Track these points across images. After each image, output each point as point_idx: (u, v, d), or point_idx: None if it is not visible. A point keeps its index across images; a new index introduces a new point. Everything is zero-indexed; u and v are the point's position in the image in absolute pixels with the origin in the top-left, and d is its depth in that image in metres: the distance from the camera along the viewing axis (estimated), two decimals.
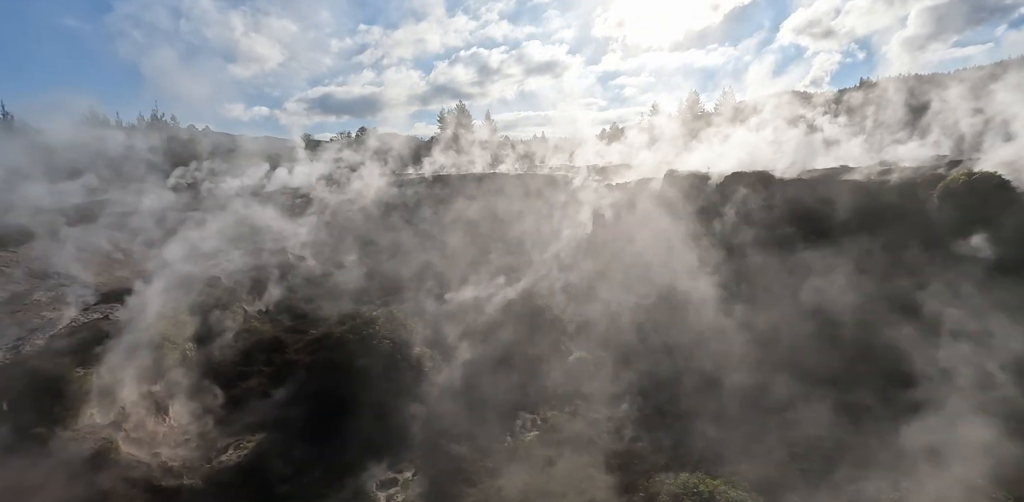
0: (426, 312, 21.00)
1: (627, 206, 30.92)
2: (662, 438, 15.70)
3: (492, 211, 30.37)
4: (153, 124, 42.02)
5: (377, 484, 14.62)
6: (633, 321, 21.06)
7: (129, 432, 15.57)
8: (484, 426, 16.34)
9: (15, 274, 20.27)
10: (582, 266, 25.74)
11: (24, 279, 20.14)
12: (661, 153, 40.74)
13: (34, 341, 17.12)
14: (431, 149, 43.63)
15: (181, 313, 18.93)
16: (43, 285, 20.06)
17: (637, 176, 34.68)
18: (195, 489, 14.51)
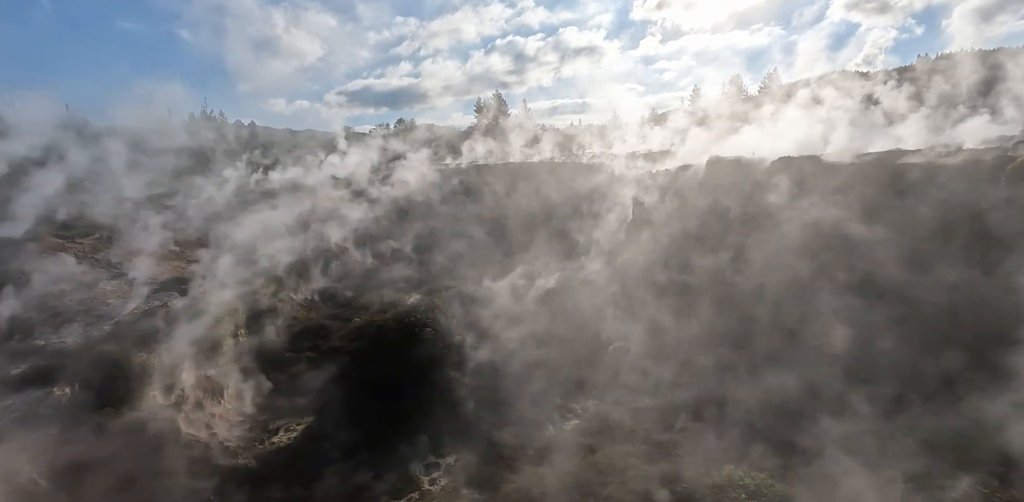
0: (466, 300, 21.17)
1: (668, 193, 30.20)
2: (707, 430, 15.38)
3: (530, 200, 30.24)
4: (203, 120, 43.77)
5: (421, 468, 14.97)
6: (675, 310, 20.65)
7: (188, 413, 16.42)
8: (524, 413, 16.43)
9: (84, 264, 21.61)
10: (622, 254, 25.37)
11: (92, 269, 21.45)
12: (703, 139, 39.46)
13: (101, 327, 18.23)
14: (469, 139, 43.66)
15: (234, 301, 19.75)
16: (108, 274, 21.33)
17: (678, 163, 33.75)
18: (250, 468, 15.23)
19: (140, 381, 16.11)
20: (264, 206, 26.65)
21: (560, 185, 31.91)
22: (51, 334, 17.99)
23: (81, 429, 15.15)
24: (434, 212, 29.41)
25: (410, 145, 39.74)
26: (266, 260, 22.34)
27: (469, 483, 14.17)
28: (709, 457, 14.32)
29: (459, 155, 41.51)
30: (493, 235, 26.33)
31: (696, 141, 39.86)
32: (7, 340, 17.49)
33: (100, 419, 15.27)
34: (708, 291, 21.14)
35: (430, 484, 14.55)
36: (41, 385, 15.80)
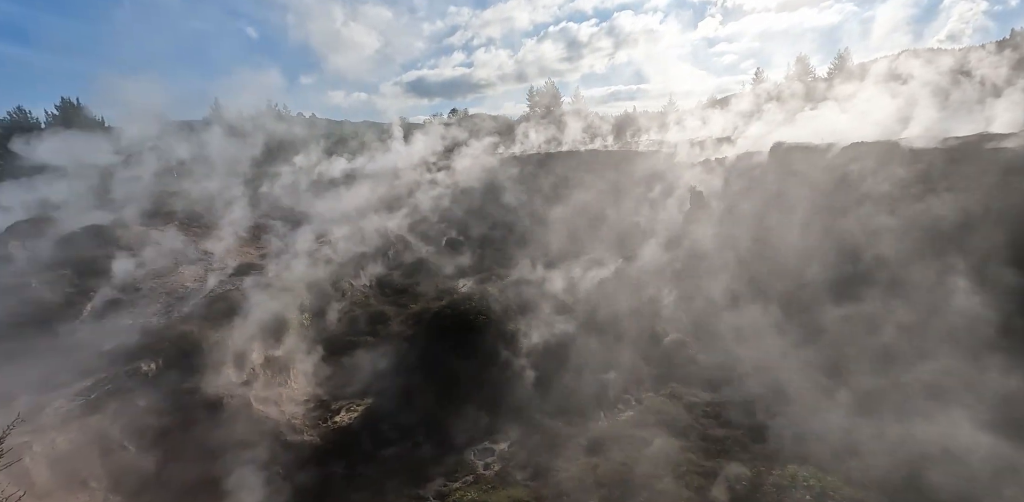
0: (520, 289, 21.29)
1: (728, 183, 29.08)
2: (768, 427, 14.89)
3: (584, 189, 29.88)
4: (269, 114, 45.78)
5: (475, 452, 15.30)
6: (735, 304, 19.99)
7: (258, 390, 17.45)
8: (578, 403, 16.44)
9: (164, 249, 23.23)
10: (679, 244, 24.71)
11: (171, 253, 23.04)
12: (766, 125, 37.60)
13: (181, 308, 19.59)
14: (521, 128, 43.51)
15: (299, 286, 20.71)
16: (186, 259, 22.85)
17: (739, 150, 32.37)
18: (314, 445, 16.05)
19: (215, 359, 17.24)
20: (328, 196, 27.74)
21: (615, 173, 31.32)
22: (138, 314, 19.49)
23: (165, 401, 16.44)
24: (489, 201, 29.60)
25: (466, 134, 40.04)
26: (329, 248, 23.27)
27: (522, 469, 14.37)
28: (769, 456, 13.89)
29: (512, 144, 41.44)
30: (547, 224, 26.24)
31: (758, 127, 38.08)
32: (100, 318, 19.07)
33: (181, 393, 16.50)
34: (771, 286, 20.30)
35: (484, 469, 14.86)
36: (130, 360, 17.20)
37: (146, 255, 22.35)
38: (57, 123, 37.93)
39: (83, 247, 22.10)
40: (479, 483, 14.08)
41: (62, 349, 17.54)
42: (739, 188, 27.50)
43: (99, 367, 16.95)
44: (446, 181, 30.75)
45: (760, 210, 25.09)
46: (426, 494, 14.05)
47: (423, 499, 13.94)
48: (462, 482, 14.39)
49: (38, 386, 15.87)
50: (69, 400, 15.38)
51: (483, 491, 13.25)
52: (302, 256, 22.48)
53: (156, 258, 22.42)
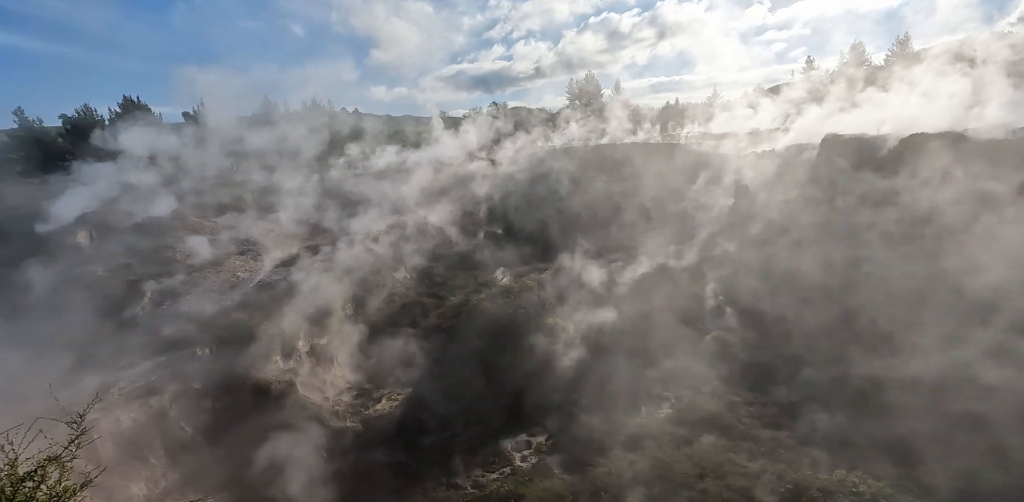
0: (560, 282, 21.20)
1: (776, 176, 28.05)
2: (813, 429, 14.40)
3: (626, 182, 29.42)
4: (313, 109, 46.96)
5: (512, 444, 15.42)
6: (780, 301, 19.34)
7: (304, 377, 18.08)
8: (616, 399, 16.30)
9: (216, 240, 24.30)
10: (722, 240, 24.06)
11: (223, 244, 24.08)
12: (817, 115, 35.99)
13: (233, 296, 20.45)
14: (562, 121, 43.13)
15: (342, 277, 21.28)
16: (236, 250, 23.82)
17: (788, 142, 31.14)
18: (356, 431, 16.52)
19: (264, 346, 17.94)
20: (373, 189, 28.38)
21: (657, 166, 30.70)
22: (193, 301, 20.45)
23: (217, 385, 17.25)
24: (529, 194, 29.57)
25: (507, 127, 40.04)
26: (372, 240, 23.81)
27: (559, 463, 14.40)
28: (817, 459, 13.45)
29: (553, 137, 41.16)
30: (588, 217, 26.00)
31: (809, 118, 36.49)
32: (159, 305, 20.12)
33: (232, 377, 17.27)
34: (818, 284, 19.51)
35: (521, 461, 14.98)
36: (186, 345, 18.11)
37: (201, 245, 23.41)
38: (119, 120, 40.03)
39: (144, 237, 23.33)
40: (516, 475, 14.20)
41: (125, 333, 18.61)
42: (787, 181, 26.49)
43: (158, 351, 17.92)
44: (487, 174, 30.85)
45: (810, 204, 24.12)
46: (463, 483, 14.28)
47: (460, 488, 14.17)
48: (499, 473, 14.55)
49: (104, 367, 16.92)
50: (131, 381, 16.34)
51: (520, 483, 13.36)
52: (346, 248, 23.09)
53: (210, 248, 23.46)
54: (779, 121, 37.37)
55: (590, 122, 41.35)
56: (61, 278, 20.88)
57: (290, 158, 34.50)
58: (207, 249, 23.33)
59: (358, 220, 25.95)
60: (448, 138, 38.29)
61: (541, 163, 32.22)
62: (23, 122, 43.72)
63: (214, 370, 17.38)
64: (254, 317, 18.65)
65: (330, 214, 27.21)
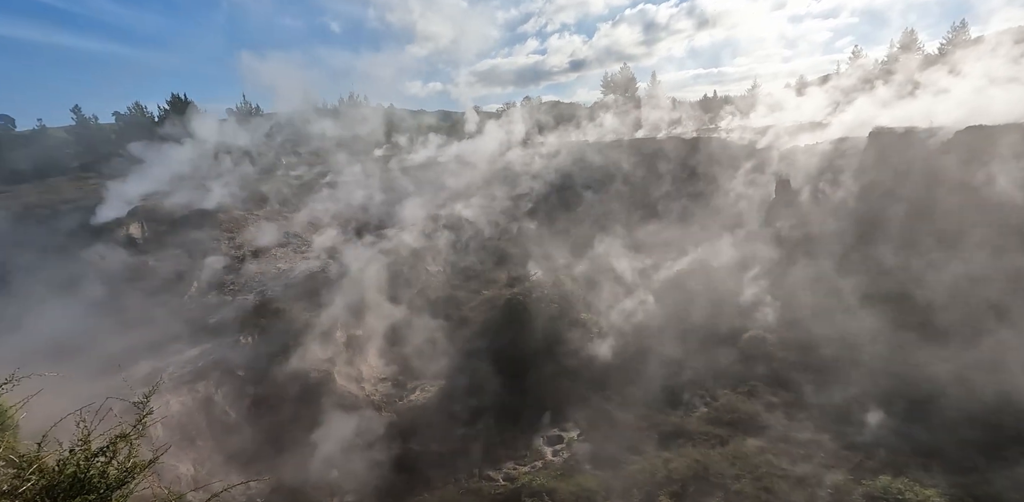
0: (594, 277, 21.03)
1: (819, 171, 27.06)
2: (858, 434, 13.92)
3: (662, 177, 28.90)
4: (350, 104, 47.88)
5: (544, 439, 15.46)
6: (822, 300, 18.69)
7: (341, 367, 18.54)
8: (650, 396, 16.13)
9: (258, 232, 25.11)
10: (761, 237, 23.38)
11: (264, 236, 24.87)
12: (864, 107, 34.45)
13: (274, 287, 21.11)
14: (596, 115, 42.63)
15: (378, 270, 21.69)
16: (277, 241, 24.57)
17: (832, 135, 29.95)
18: (391, 421, 16.86)
19: (304, 335, 18.47)
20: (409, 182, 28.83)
21: (694, 160, 30.04)
22: (236, 291, 21.22)
23: (260, 372, 17.88)
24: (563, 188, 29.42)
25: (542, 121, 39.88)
26: (408, 233, 24.16)
27: (591, 459, 14.34)
28: (860, 464, 13.00)
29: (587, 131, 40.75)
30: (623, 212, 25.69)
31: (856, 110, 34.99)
32: (205, 294, 20.95)
33: (274, 365, 17.87)
34: (862, 282, 18.78)
35: (552, 455, 15.00)
36: (230, 334, 18.82)
37: (244, 237, 24.23)
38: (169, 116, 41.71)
39: (191, 229, 24.29)
40: (547, 469, 14.22)
41: (174, 321, 19.45)
42: (831, 177, 25.53)
43: (203, 338, 18.68)
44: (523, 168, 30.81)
45: (854, 201, 23.20)
46: (496, 476, 14.40)
47: (492, 480, 14.30)
48: (531, 467, 14.61)
49: (155, 353, 17.75)
50: (180, 367, 17.09)
51: (552, 477, 13.37)
52: (383, 241, 23.51)
53: (252, 240, 24.26)
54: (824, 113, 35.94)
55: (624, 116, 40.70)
56: (115, 268, 21.97)
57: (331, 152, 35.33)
58: (249, 240, 24.13)
59: (395, 214, 26.39)
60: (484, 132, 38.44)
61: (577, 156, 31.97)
62: (80, 120, 46.07)
63: (256, 358, 18.02)
64: (294, 308, 19.21)
65: (368, 208, 27.74)
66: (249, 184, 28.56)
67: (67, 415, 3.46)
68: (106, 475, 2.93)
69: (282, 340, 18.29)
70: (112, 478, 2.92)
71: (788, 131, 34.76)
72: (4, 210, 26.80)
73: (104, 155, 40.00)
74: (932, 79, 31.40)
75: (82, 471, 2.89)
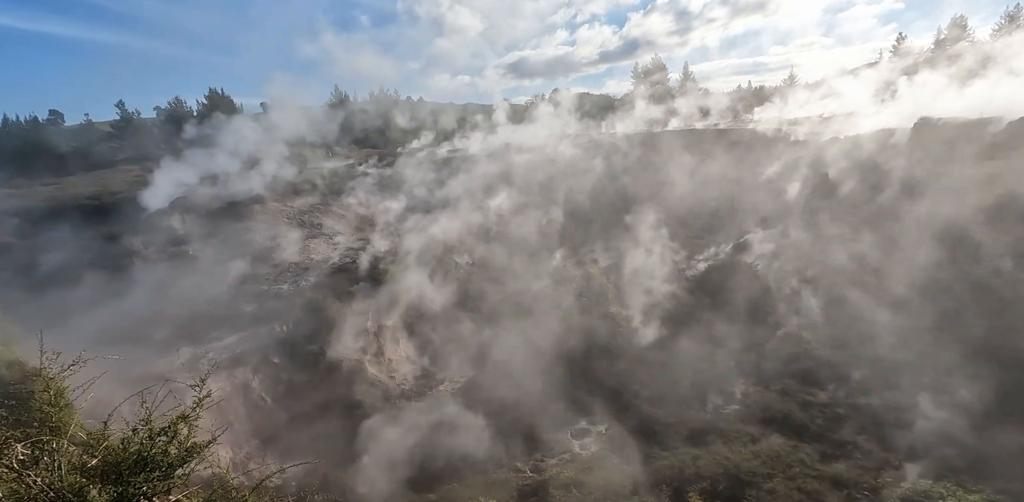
0: (623, 272, 20.82)
1: (859, 164, 26.14)
2: (897, 437, 13.53)
3: (694, 170, 28.38)
4: (381, 97, 48.39)
5: (572, 432, 15.49)
6: (861, 298, 18.13)
7: (372, 356, 18.90)
8: (680, 392, 15.98)
9: (292, 223, 25.69)
10: (797, 231, 22.75)
11: (298, 227, 25.44)
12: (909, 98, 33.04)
13: (307, 278, 21.59)
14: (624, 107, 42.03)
15: (408, 262, 21.96)
16: (311, 232, 25.10)
17: (874, 127, 28.84)
18: (420, 411, 17.11)
19: (336, 325, 18.87)
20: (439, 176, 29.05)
21: (728, 153, 29.37)
22: (271, 282, 21.78)
23: (294, 360, 18.37)
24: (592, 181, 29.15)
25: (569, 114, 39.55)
26: (437, 226, 24.37)
27: (620, 453, 14.31)
28: (897, 467, 12.67)
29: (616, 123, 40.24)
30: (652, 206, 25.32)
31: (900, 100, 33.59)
32: (242, 283, 21.56)
33: (307, 354, 18.34)
34: (905, 278, 18.10)
35: (580, 449, 15.02)
36: (266, 322, 19.36)
37: (278, 229, 24.82)
38: (206, 110, 42.92)
39: (228, 220, 25.00)
40: (575, 462, 14.26)
41: (212, 308, 20.10)
42: (872, 170, 24.63)
43: (241, 326, 19.25)
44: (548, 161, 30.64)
45: (897, 196, 22.33)
46: (523, 467, 14.52)
47: (520, 471, 14.42)
48: (558, 459, 14.67)
49: (195, 339, 18.41)
50: (219, 353, 17.68)
51: (580, 470, 13.41)
52: (412, 233, 23.78)
53: (286, 231, 24.84)
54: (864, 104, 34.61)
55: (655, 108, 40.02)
56: (157, 257, 22.80)
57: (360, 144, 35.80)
58: (283, 232, 24.71)
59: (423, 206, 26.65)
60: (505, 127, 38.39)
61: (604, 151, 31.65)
62: (124, 114, 47.76)
63: (291, 346, 18.51)
64: (326, 298, 19.63)
65: (397, 200, 28.06)
66: (284, 176, 29.16)
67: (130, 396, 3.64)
68: (168, 454, 3.07)
69: (315, 329, 18.73)
70: (173, 457, 3.06)
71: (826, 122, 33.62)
72: (53, 201, 28.04)
73: (146, 148, 41.43)
74: (982, 67, 29.83)
75: (145, 449, 3.03)
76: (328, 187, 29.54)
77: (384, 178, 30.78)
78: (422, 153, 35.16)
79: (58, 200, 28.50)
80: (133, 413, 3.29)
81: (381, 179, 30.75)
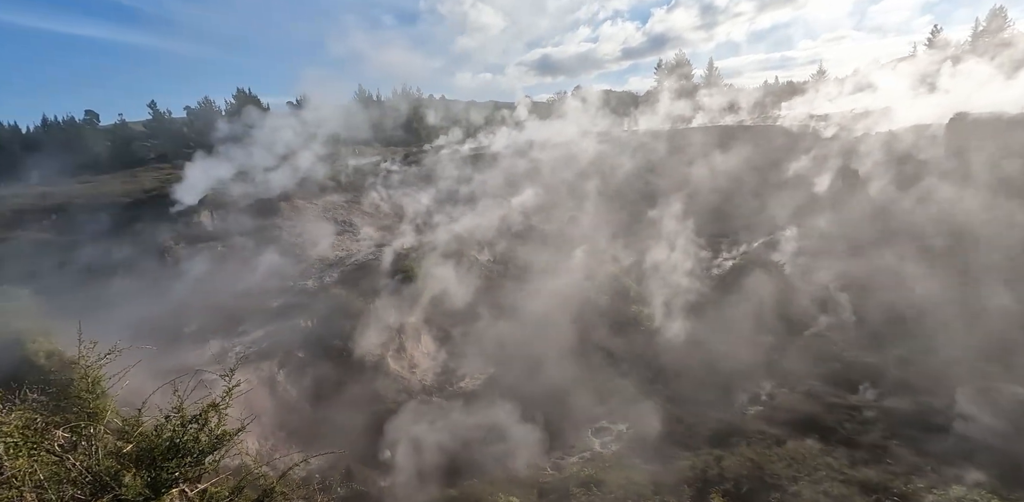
0: (647, 270, 20.59)
1: (888, 160, 25.38)
2: (930, 441, 13.11)
3: (719, 167, 27.89)
4: (404, 96, 48.74)
5: (593, 431, 15.42)
6: (893, 299, 17.59)
7: (395, 352, 19.09)
8: (703, 392, 15.76)
9: (318, 220, 26.10)
10: (824, 230, 22.20)
11: (323, 224, 25.84)
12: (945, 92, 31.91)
13: (332, 274, 21.92)
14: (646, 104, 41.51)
15: (430, 258, 22.12)
16: (335, 230, 25.47)
17: (906, 123, 27.95)
18: (442, 406, 17.24)
19: (359, 321, 19.12)
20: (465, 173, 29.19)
21: (754, 150, 28.78)
22: (296, 277, 22.17)
23: (317, 354, 18.68)
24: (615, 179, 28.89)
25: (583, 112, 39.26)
26: (458, 224, 24.49)
27: (641, 453, 14.20)
28: (932, 472, 12.26)
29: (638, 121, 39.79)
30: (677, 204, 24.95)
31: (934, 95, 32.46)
32: (268, 279, 22.00)
33: (331, 348, 18.62)
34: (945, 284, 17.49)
35: (601, 447, 14.95)
36: (291, 317, 19.72)
37: (304, 226, 25.25)
38: (235, 109, 43.80)
39: (256, 217, 25.53)
40: (595, 461, 14.20)
41: (240, 303, 20.56)
42: (903, 167, 23.89)
43: (267, 321, 19.66)
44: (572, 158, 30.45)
45: (929, 193, 21.60)
46: (544, 464, 14.51)
47: (540, 469, 14.42)
48: (579, 457, 14.63)
49: (224, 333, 18.87)
50: (246, 347, 18.10)
51: (600, 469, 13.33)
52: (435, 230, 23.95)
53: (311, 228, 25.25)
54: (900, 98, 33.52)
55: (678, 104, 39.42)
56: (188, 253, 23.39)
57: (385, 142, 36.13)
58: (309, 228, 25.13)
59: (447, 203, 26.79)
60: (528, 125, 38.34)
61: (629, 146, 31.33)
62: (156, 114, 49.07)
63: (316, 340, 18.83)
64: (349, 294, 19.91)
65: (421, 197, 28.28)
66: (310, 174, 29.57)
67: (163, 385, 3.75)
68: (198, 441, 3.15)
69: (339, 324, 19.01)
70: (204, 444, 3.13)
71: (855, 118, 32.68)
72: (89, 198, 28.96)
73: (177, 147, 42.52)
74: None
75: (178, 436, 3.12)
76: (354, 184, 29.89)
77: (409, 175, 31.01)
78: (447, 150, 35.27)
79: (94, 197, 29.42)
80: (165, 403, 3.38)
81: (406, 176, 30.98)
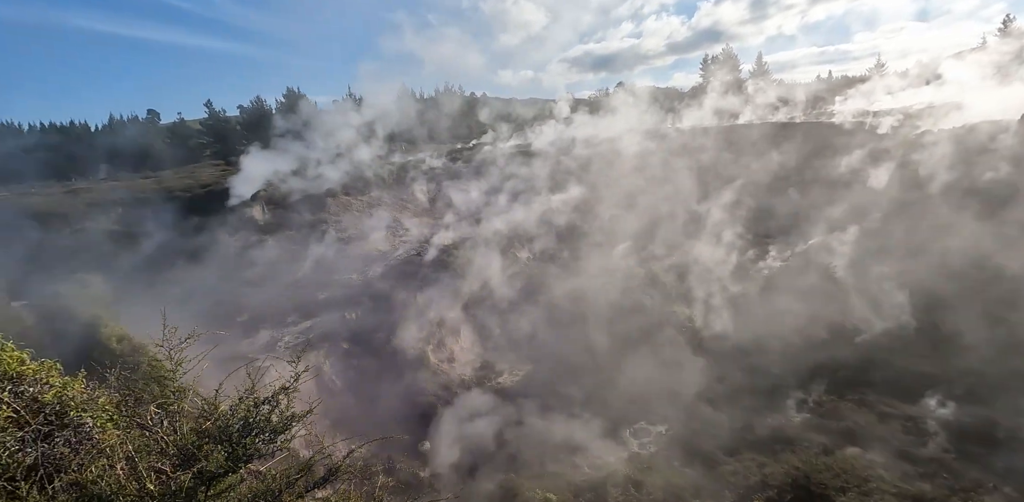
0: (689, 269, 20.16)
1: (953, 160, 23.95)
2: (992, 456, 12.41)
3: (769, 166, 26.99)
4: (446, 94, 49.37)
5: (631, 431, 15.31)
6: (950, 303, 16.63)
7: (435, 346, 19.46)
8: (747, 396, 15.41)
9: (363, 216, 26.83)
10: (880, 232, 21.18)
11: (368, 220, 26.53)
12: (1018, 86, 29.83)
13: (374, 268, 22.52)
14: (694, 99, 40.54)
15: (470, 254, 22.40)
16: (380, 225, 26.12)
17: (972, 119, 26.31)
18: (482, 400, 17.46)
19: (402, 314, 19.58)
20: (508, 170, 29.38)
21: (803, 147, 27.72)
22: (341, 271, 22.87)
23: (362, 346, 19.25)
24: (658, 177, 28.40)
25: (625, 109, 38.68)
26: (502, 220, 24.68)
27: (681, 456, 14.04)
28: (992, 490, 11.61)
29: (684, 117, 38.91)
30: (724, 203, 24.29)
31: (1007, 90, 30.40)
32: (315, 272, 22.79)
33: (374, 341, 19.16)
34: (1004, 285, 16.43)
35: (640, 448, 14.84)
36: (336, 309, 20.39)
37: (350, 220, 26.00)
38: (285, 108, 45.39)
39: (304, 212, 26.46)
40: (633, 461, 14.09)
41: (288, 295, 21.38)
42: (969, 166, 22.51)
43: (314, 312, 20.40)
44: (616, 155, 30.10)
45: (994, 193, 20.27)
46: (581, 463, 14.52)
47: (578, 467, 14.44)
48: (616, 457, 14.55)
49: (273, 323, 19.69)
50: (294, 337, 18.84)
51: (638, 470, 13.24)
52: (477, 226, 24.21)
53: (357, 223, 25.98)
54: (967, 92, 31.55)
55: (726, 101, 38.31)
56: (241, 245, 24.47)
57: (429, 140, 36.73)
58: (355, 223, 25.86)
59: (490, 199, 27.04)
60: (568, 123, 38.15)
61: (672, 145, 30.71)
62: (212, 113, 51.38)
63: (360, 333, 19.42)
64: (393, 288, 20.40)
65: (464, 194, 28.60)
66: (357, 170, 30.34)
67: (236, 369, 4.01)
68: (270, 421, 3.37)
69: (382, 318, 19.52)
70: (275, 424, 3.35)
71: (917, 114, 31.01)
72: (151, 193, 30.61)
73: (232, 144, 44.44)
74: None
75: (251, 416, 3.34)
76: (400, 180, 30.53)
77: (454, 172, 31.41)
78: (492, 147, 35.50)
79: (155, 192, 31.11)
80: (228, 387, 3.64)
81: (452, 172, 31.40)
